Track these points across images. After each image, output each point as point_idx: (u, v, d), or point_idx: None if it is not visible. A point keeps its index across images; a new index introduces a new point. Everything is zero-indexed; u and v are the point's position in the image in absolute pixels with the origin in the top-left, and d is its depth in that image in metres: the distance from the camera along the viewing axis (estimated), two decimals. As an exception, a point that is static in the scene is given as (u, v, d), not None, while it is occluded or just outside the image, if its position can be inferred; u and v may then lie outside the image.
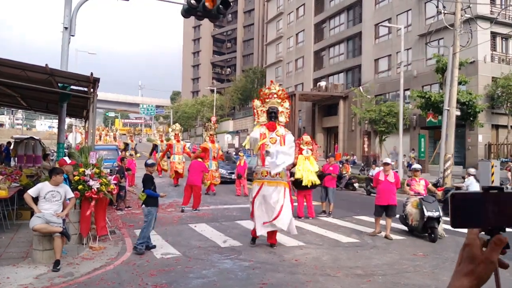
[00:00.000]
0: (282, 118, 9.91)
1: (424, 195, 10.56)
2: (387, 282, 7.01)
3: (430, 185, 11.30)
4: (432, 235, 10.04)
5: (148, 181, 8.93)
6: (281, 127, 9.83)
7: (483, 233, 1.10)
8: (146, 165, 9.45)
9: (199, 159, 15.15)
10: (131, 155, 21.06)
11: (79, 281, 6.69)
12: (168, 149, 22.78)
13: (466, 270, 1.06)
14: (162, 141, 27.61)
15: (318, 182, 13.16)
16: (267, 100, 9.92)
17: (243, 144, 11.48)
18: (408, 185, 11.22)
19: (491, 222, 1.07)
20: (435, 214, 9.91)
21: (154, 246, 8.83)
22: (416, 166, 11.67)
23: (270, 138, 9.56)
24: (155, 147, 27.98)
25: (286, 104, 10.02)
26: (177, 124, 24.52)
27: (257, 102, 10.09)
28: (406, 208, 10.72)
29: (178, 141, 22.77)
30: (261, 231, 9.18)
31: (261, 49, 76.45)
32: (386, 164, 10.85)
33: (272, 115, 9.76)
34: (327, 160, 14.54)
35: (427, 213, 9.90)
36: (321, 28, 49.69)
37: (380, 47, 38.58)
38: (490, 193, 1.08)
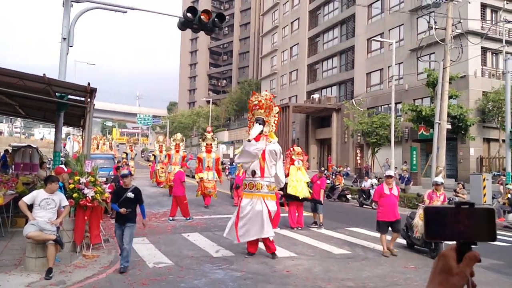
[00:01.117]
0: (267, 128, 9.88)
1: None
2: (377, 294, 7.10)
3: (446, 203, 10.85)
4: (435, 251, 9.70)
5: (113, 194, 8.54)
6: (263, 138, 9.83)
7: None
8: (121, 176, 9.04)
9: (181, 169, 15.21)
10: (127, 164, 21.03)
11: (71, 289, 6.73)
12: (169, 160, 22.19)
13: (441, 280, 1.14)
14: (161, 151, 27.20)
15: (309, 194, 13.28)
16: (253, 112, 10.00)
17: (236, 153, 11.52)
18: (422, 199, 10.88)
19: (463, 235, 1.18)
20: None
21: (122, 271, 7.74)
22: (438, 179, 10.95)
23: None
24: (154, 157, 27.77)
25: (274, 111, 10.00)
26: (178, 134, 23.91)
27: (249, 114, 10.21)
28: (413, 221, 10.35)
29: (177, 151, 22.18)
30: (241, 239, 9.45)
31: (256, 61, 76.94)
32: (389, 177, 10.29)
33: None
34: (318, 173, 14.48)
35: None
36: (315, 42, 50.24)
37: (372, 61, 39.01)
38: (462, 208, 1.17)
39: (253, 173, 9.55)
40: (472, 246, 1.17)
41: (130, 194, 8.03)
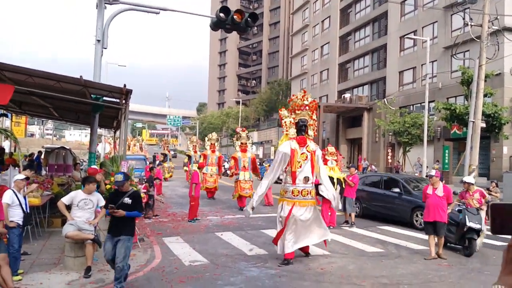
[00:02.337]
0: (311, 132, 9.36)
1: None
2: (413, 291, 7.03)
3: (487, 197, 10.60)
4: (468, 249, 9.71)
5: (108, 199, 7.31)
6: (311, 141, 9.27)
7: None
8: (115, 183, 7.53)
9: (197, 170, 14.77)
10: (159, 164, 20.96)
11: (110, 287, 6.83)
12: (205, 160, 20.73)
13: None
14: (196, 151, 26.41)
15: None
16: (297, 112, 9.26)
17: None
18: (455, 194, 10.75)
19: None
20: (477, 226, 9.58)
21: None
22: (468, 179, 10.80)
23: (301, 154, 9.01)
24: (189, 158, 26.77)
25: (314, 115, 9.44)
26: (213, 133, 22.86)
27: (284, 112, 9.39)
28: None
29: (213, 151, 21.21)
30: (291, 249, 8.77)
31: (286, 61, 76.98)
32: (430, 176, 10.04)
33: (303, 128, 9.18)
34: (349, 170, 14.22)
35: (468, 223, 9.57)
36: (346, 41, 49.81)
37: (405, 59, 38.44)
38: None
39: (307, 179, 8.95)
40: None
41: (127, 200, 6.79)
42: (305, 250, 9.34)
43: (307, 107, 9.22)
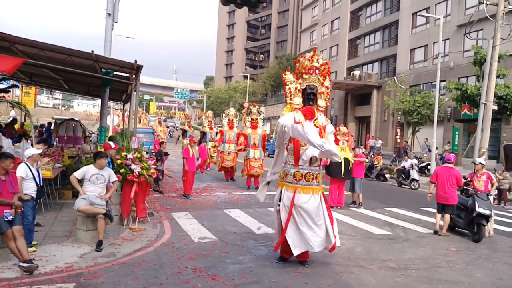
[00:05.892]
0: (322, 102, 7.45)
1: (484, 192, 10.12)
2: (421, 276, 7.04)
3: (494, 181, 10.75)
4: (477, 235, 9.72)
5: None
6: (320, 114, 7.40)
7: None
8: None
9: (188, 144, 14.04)
10: (201, 142, 20.08)
11: (121, 261, 6.95)
12: (221, 137, 19.45)
13: None
14: (211, 128, 23.94)
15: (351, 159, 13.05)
16: (305, 76, 7.36)
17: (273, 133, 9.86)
18: (465, 178, 10.86)
19: None
20: (487, 212, 9.60)
21: None
22: (477, 159, 11.06)
23: None
24: (203, 135, 24.14)
25: (327, 82, 7.48)
26: (231, 108, 20.87)
27: (289, 76, 7.47)
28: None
29: (231, 127, 19.23)
30: (297, 251, 7.20)
31: (295, 36, 76.01)
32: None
33: (311, 96, 7.33)
34: (354, 151, 13.80)
35: (478, 209, 9.58)
36: (357, 16, 49.05)
37: (417, 37, 37.88)
38: None
39: (313, 160, 7.21)
40: None
41: None
42: (304, 258, 7.44)
43: (317, 71, 7.32)
